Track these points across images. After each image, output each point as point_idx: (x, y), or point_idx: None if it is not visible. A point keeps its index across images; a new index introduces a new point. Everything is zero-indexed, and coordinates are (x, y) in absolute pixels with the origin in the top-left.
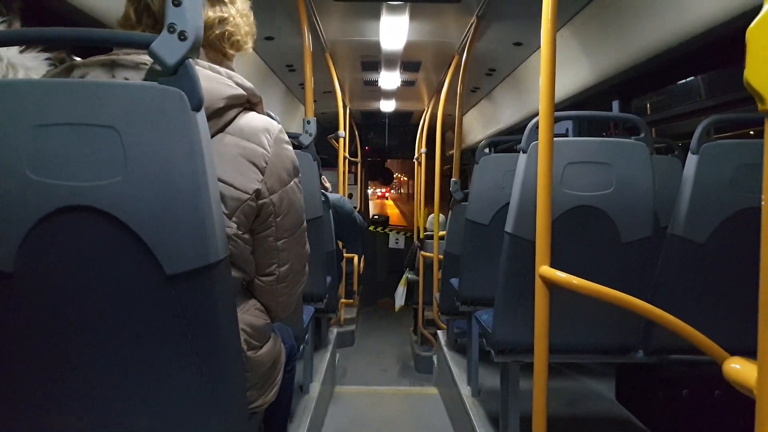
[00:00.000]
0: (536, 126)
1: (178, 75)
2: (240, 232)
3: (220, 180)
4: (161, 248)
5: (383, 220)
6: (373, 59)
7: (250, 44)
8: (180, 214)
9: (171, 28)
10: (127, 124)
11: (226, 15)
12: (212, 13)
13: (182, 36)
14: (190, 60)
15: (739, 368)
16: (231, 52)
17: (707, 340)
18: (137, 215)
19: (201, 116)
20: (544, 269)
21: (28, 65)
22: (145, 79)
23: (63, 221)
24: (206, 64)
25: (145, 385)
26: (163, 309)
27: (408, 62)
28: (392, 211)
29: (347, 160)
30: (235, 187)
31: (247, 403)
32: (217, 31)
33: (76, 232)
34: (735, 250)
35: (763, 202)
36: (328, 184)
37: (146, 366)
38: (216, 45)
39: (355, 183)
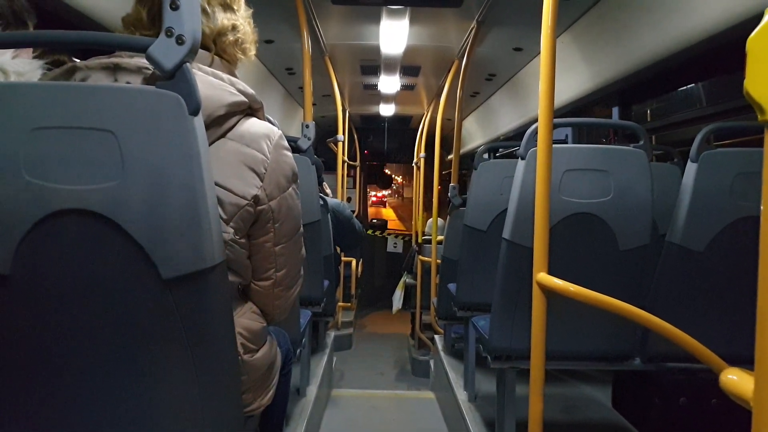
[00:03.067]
0: (535, 132)
1: (175, 79)
2: (237, 237)
3: (219, 185)
4: (158, 252)
5: (382, 224)
6: (372, 63)
7: (253, 51)
8: (176, 218)
9: (168, 32)
10: (125, 128)
11: (236, 22)
12: (226, 21)
13: (180, 40)
14: (188, 64)
15: (736, 379)
16: (241, 57)
17: (704, 349)
18: (134, 219)
19: (198, 120)
20: (542, 276)
21: (21, 70)
22: (143, 83)
23: (60, 224)
24: (209, 70)
25: (141, 388)
26: (159, 312)
27: (408, 66)
28: (393, 226)
29: (346, 164)
30: (233, 193)
31: (242, 407)
32: (231, 38)
33: (73, 236)
34: (733, 259)
35: (762, 212)
36: (329, 191)
37: (142, 369)
38: (230, 51)
39: (354, 186)
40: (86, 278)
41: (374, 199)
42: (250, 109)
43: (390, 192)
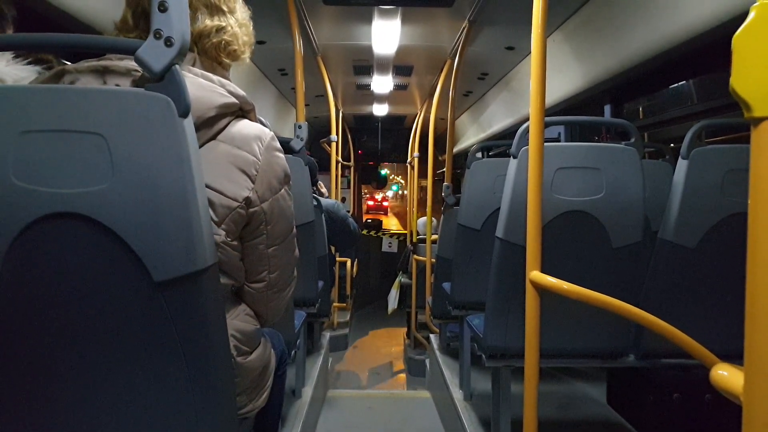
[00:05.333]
0: (527, 131)
1: (164, 81)
2: (229, 240)
3: (210, 187)
4: (149, 255)
5: (376, 224)
6: (365, 63)
7: (247, 54)
8: (167, 221)
9: (157, 34)
10: (114, 131)
11: (224, 24)
12: (210, 22)
13: (168, 42)
14: (177, 66)
15: (726, 375)
16: (227, 61)
17: (697, 345)
18: (124, 222)
19: (188, 123)
20: (535, 274)
21: (18, 77)
22: (133, 86)
23: (49, 228)
24: (200, 72)
25: (133, 392)
26: (151, 316)
27: (400, 66)
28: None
29: (340, 164)
30: (225, 195)
31: (236, 409)
32: (214, 40)
33: (63, 239)
34: (725, 255)
35: (749, 208)
36: (324, 190)
37: (134, 373)
38: (211, 53)
39: (349, 187)
40: (77, 282)
41: (371, 203)
42: (241, 110)
43: (390, 194)
